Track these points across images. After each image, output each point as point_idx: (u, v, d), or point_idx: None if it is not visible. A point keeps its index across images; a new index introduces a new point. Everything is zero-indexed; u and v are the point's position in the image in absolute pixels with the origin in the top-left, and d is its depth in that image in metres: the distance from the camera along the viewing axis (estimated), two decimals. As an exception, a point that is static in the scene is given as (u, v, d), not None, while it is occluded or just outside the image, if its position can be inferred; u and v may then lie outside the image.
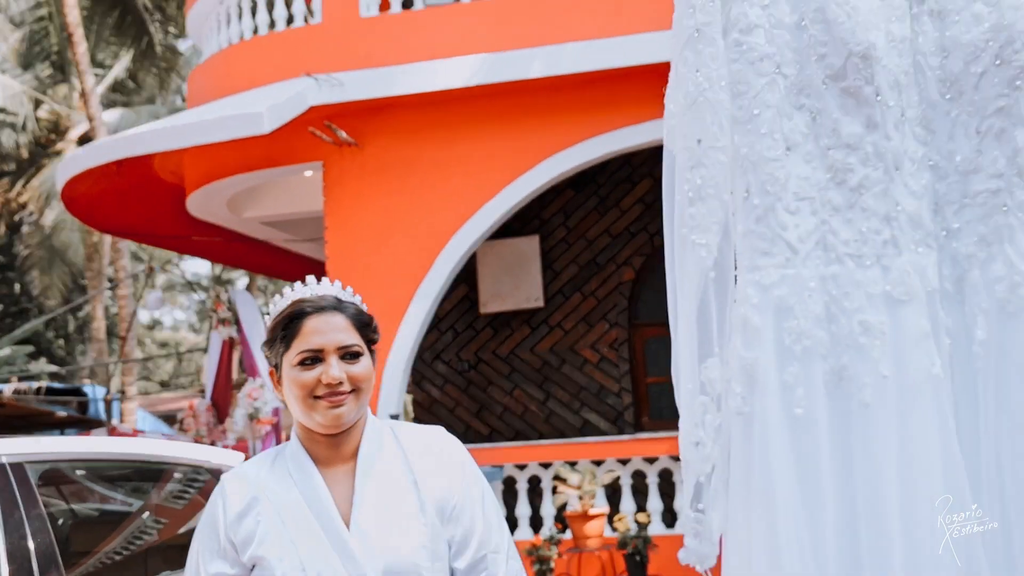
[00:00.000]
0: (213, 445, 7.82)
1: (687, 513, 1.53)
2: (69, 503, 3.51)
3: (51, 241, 23.66)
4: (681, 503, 1.56)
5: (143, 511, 3.61)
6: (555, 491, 8.22)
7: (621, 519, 7.92)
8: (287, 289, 2.09)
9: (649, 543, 7.68)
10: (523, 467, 8.58)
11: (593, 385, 9.98)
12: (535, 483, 8.75)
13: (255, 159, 8.87)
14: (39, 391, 16.83)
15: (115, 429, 15.36)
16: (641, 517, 7.93)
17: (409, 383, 9.38)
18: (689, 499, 1.53)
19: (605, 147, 8.35)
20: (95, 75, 21.56)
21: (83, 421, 16.60)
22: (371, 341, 2.04)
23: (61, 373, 24.23)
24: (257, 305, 9.31)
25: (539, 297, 9.95)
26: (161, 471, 3.62)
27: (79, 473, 3.47)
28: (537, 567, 7.66)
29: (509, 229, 9.65)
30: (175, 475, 3.68)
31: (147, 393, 29.14)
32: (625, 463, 8.41)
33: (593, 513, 7.66)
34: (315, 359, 1.97)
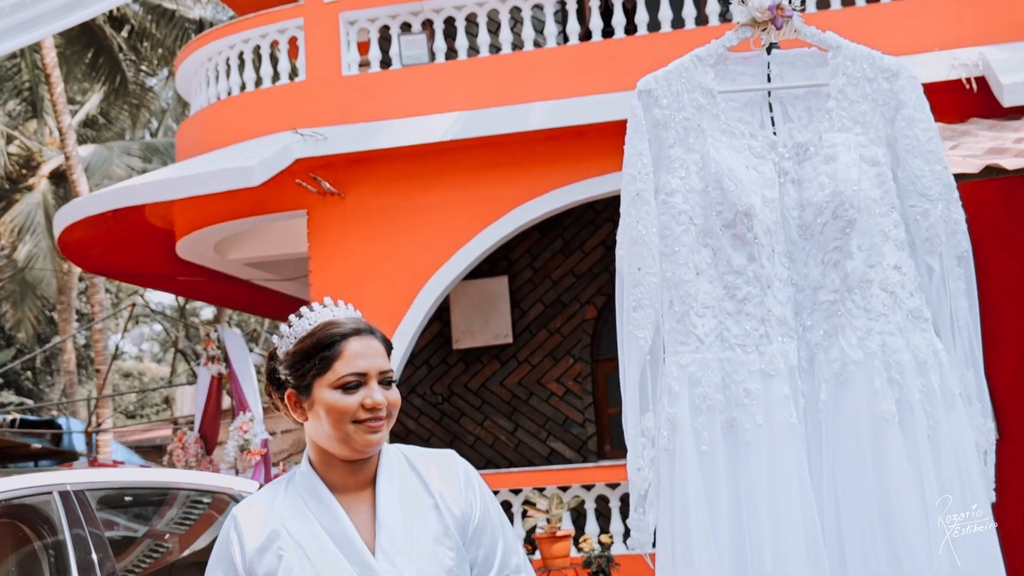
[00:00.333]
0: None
1: (632, 515, 2.23)
2: (122, 525, 4.07)
3: (23, 275, 23.77)
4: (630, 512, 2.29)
5: (180, 533, 4.17)
6: (525, 515, 8.62)
7: (586, 540, 8.15)
8: (306, 309, 2.00)
9: (612, 562, 8.03)
10: (495, 493, 9.00)
11: (559, 416, 10.37)
12: (506, 508, 9.07)
13: (244, 207, 9.30)
14: (13, 423, 16.97)
15: (96, 461, 15.63)
16: (604, 538, 8.26)
17: (387, 415, 9.83)
18: (633, 505, 2.24)
19: (569, 197, 8.80)
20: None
21: (59, 453, 16.78)
22: None
23: (30, 405, 24.37)
24: (245, 341, 9.83)
25: (508, 334, 10.36)
26: (200, 497, 4.19)
27: (127, 499, 4.04)
28: (509, 586, 8.11)
29: (479, 270, 10.06)
30: (206, 501, 4.25)
31: (115, 425, 29.20)
32: (589, 488, 8.83)
33: (560, 535, 7.89)
34: (358, 384, 1.91)
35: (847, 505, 2.16)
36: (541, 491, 8.63)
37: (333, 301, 2.01)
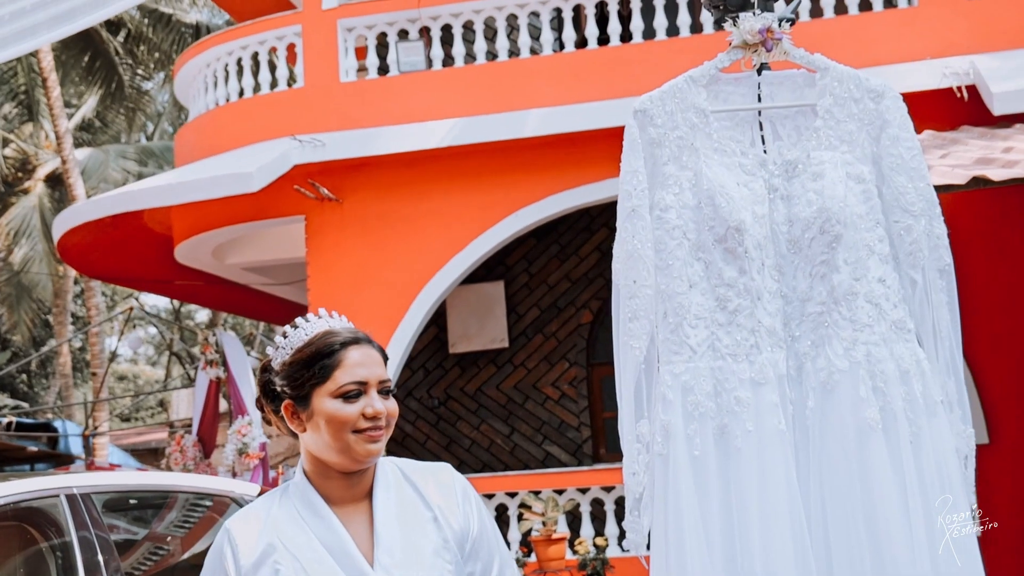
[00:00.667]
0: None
1: (627, 518, 2.33)
2: (126, 527, 4.15)
3: (19, 278, 23.79)
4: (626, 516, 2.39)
5: (183, 535, 4.25)
6: (521, 518, 8.70)
7: (581, 543, 8.30)
8: (301, 320, 1.98)
9: (607, 564, 8.15)
10: (491, 496, 8.99)
11: (554, 420, 10.46)
12: (502, 511, 9.21)
13: (242, 213, 9.38)
14: (9, 426, 17.01)
15: (93, 464, 15.68)
16: (599, 541, 8.39)
17: (384, 419, 9.91)
18: (629, 509, 2.34)
19: (565, 203, 8.91)
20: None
21: (55, 456, 16.83)
22: None
23: (26, 408, 24.40)
24: (243, 346, 9.90)
25: (504, 338, 10.44)
26: (200, 500, 4.27)
27: (132, 502, 4.12)
28: (504, 588, 8.21)
29: (476, 275, 10.10)
30: (207, 503, 4.34)
31: (110, 428, 29.22)
32: (585, 492, 8.91)
33: (555, 538, 7.97)
34: (359, 392, 1.90)
35: (833, 508, 2.26)
36: (537, 494, 8.70)
37: (328, 311, 2.01)
